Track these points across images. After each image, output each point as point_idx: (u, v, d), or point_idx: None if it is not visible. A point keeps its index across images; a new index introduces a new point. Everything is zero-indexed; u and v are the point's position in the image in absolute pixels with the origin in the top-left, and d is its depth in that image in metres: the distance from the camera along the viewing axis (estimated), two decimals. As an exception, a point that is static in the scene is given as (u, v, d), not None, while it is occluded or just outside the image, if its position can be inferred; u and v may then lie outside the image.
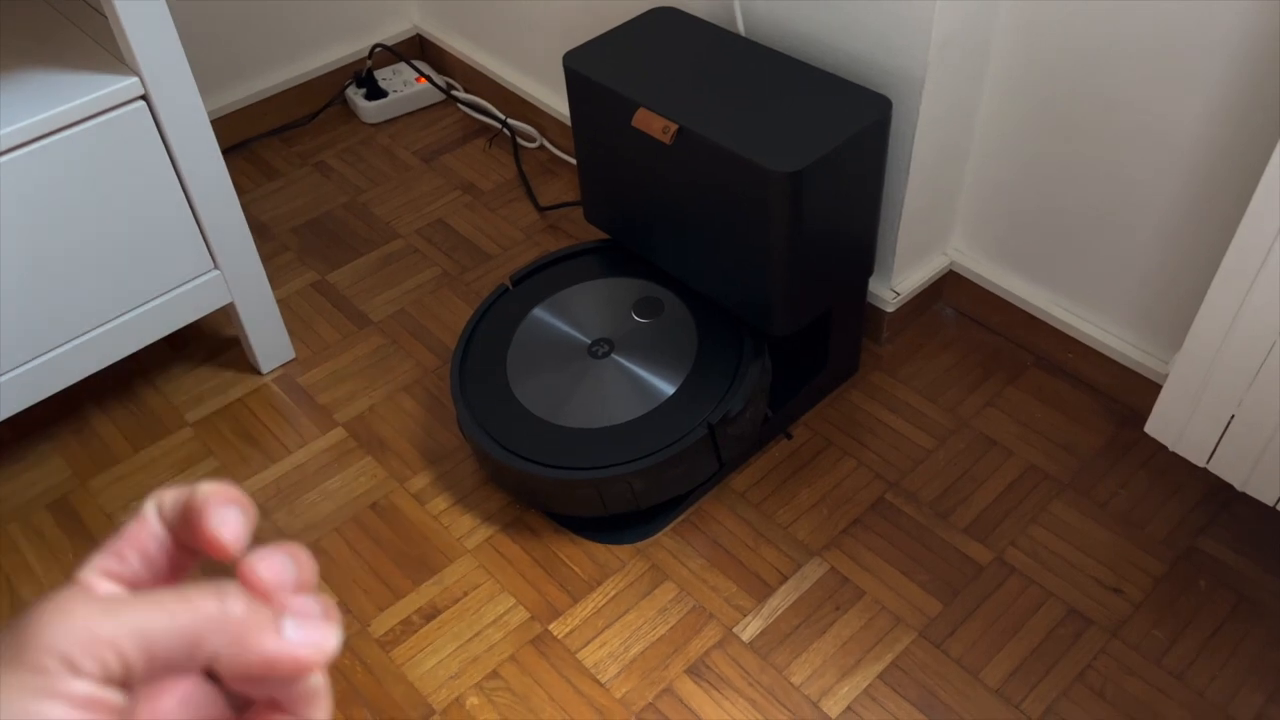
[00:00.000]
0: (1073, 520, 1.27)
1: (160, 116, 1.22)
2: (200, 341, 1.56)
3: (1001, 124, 1.32)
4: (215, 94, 1.88)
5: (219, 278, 1.38)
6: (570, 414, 1.25)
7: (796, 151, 1.11)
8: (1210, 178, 1.15)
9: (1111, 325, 1.36)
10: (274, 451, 1.41)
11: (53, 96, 1.16)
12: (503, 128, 1.92)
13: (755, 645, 1.17)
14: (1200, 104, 1.11)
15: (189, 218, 1.31)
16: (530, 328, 1.35)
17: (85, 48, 1.23)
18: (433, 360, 1.52)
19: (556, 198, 1.78)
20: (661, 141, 1.18)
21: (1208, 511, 1.27)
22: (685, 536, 1.28)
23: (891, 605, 1.20)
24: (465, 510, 1.33)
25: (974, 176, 1.40)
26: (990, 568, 1.23)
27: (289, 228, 1.76)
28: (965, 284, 1.49)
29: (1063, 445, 1.35)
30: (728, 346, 1.28)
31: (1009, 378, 1.44)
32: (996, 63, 1.28)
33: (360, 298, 1.63)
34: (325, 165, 1.89)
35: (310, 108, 1.99)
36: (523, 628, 1.20)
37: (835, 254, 1.25)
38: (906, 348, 1.49)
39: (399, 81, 1.99)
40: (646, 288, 1.37)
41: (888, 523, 1.28)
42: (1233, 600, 1.18)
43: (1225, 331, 1.06)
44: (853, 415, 1.41)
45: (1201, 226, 1.19)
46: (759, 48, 1.28)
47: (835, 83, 1.21)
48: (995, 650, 1.15)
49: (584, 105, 1.30)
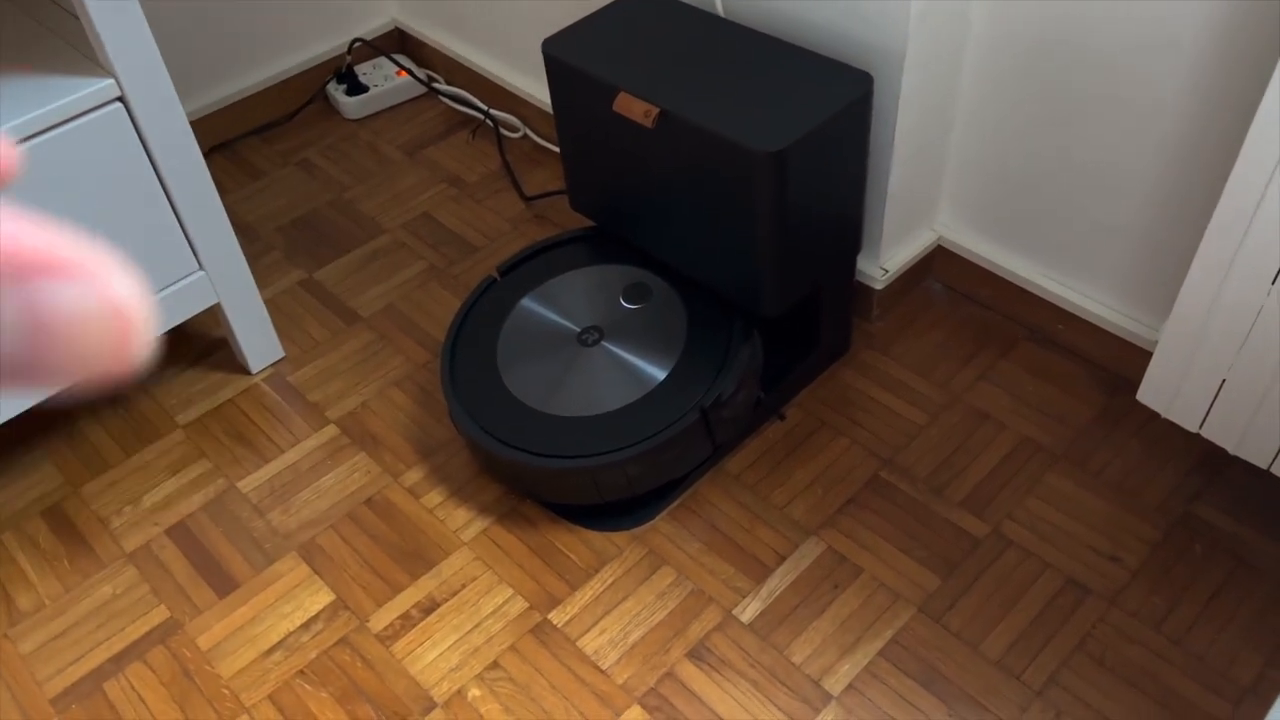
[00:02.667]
0: (1068, 491, 1.27)
1: (138, 118, 1.21)
2: (189, 343, 1.56)
3: (984, 96, 1.32)
4: (195, 95, 1.87)
5: (204, 278, 1.37)
6: (562, 403, 1.25)
7: (779, 131, 1.11)
8: (1195, 143, 1.15)
9: (1101, 295, 1.36)
10: (267, 451, 1.41)
11: (28, 100, 1.15)
12: (485, 118, 1.91)
13: (755, 626, 1.17)
14: (1184, 68, 1.11)
15: (171, 219, 1.31)
16: (519, 318, 1.35)
17: (59, 51, 1.22)
18: (423, 354, 1.52)
19: (542, 187, 1.78)
20: (644, 125, 1.18)
21: (1201, 477, 1.27)
22: (681, 521, 1.28)
23: (890, 582, 1.20)
24: (460, 503, 1.32)
25: (958, 150, 1.39)
26: (987, 541, 1.23)
27: (274, 227, 1.75)
28: (954, 259, 1.48)
29: (1055, 417, 1.35)
30: (717, 329, 1.28)
31: (1000, 351, 1.44)
32: (976, 33, 1.27)
33: (348, 294, 1.62)
34: (309, 163, 1.88)
35: (291, 105, 1.97)
36: (522, 617, 1.20)
37: (822, 232, 1.24)
38: (897, 324, 1.49)
39: (379, 76, 1.98)
40: (634, 274, 1.37)
41: (883, 500, 1.28)
42: (1229, 565, 1.18)
43: (1213, 296, 1.06)
44: (845, 394, 1.41)
45: (1188, 192, 1.19)
46: (738, 28, 1.27)
47: (816, 60, 1.20)
48: (995, 623, 1.16)
49: (565, 92, 1.29)
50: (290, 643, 1.20)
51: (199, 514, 1.34)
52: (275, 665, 1.18)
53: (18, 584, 1.28)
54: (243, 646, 1.20)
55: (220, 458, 1.40)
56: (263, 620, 1.22)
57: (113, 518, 1.34)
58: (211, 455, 1.41)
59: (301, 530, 1.31)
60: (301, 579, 1.26)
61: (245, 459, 1.40)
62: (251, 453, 1.41)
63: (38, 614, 1.25)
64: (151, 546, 1.31)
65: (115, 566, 1.29)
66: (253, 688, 1.16)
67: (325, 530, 1.31)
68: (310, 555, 1.28)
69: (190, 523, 1.33)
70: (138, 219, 1.28)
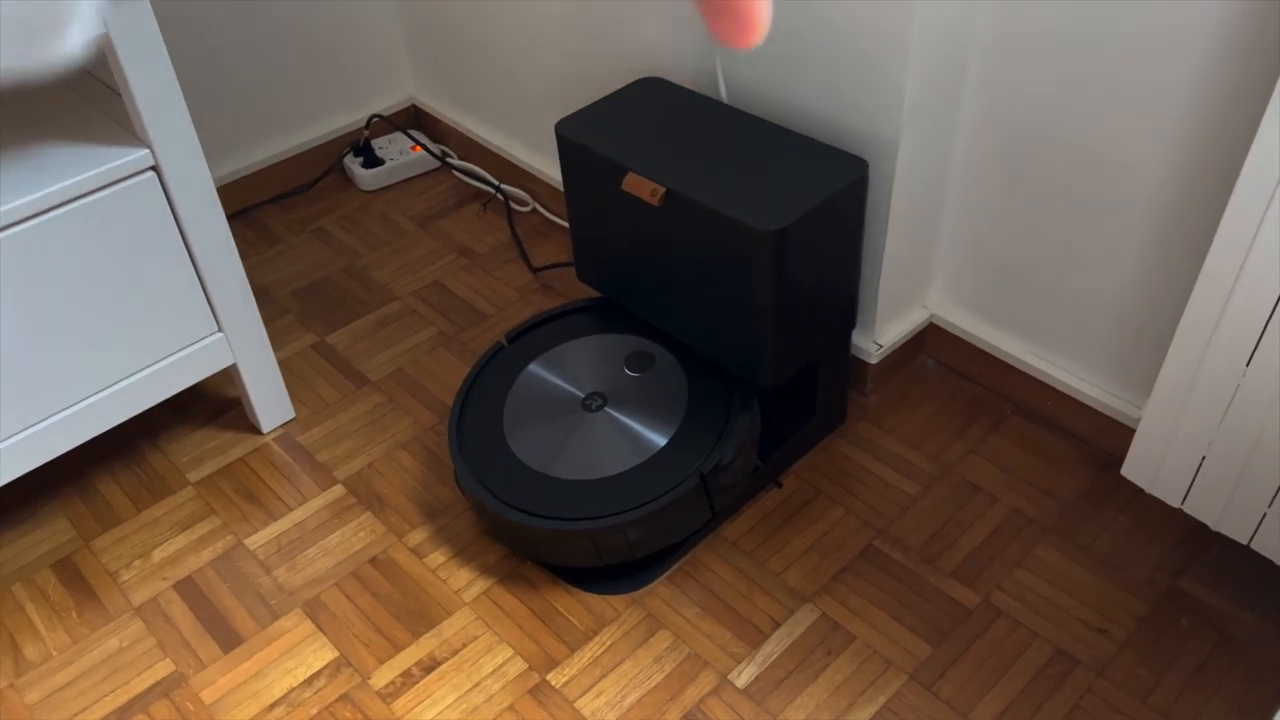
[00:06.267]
0: (1057, 563, 1.30)
1: (169, 186, 1.28)
2: (202, 402, 1.60)
3: (974, 182, 1.39)
4: (217, 163, 1.95)
5: (222, 340, 1.42)
6: (565, 466, 1.29)
7: (779, 210, 1.17)
8: (1174, 229, 1.21)
9: (1087, 373, 1.41)
10: (275, 509, 1.44)
11: (69, 168, 1.21)
12: (496, 193, 1.98)
13: (750, 691, 1.20)
14: (1164, 153, 1.17)
15: (195, 282, 1.36)
16: (525, 383, 1.40)
17: (96, 121, 1.29)
18: (430, 418, 1.56)
19: (549, 259, 1.84)
20: (650, 204, 1.24)
21: (1186, 552, 1.30)
22: (679, 585, 1.31)
23: (882, 649, 1.23)
24: (463, 564, 1.35)
25: (949, 232, 1.46)
26: (978, 611, 1.26)
27: (289, 291, 1.81)
28: (945, 335, 1.54)
29: (1045, 490, 1.39)
30: (717, 398, 1.33)
31: (990, 425, 1.48)
32: (967, 122, 1.34)
33: (359, 358, 1.67)
34: (324, 231, 1.94)
35: (309, 176, 2.05)
36: (521, 678, 1.22)
37: (819, 307, 1.30)
38: (891, 398, 1.53)
39: (395, 150, 2.06)
40: (637, 343, 1.42)
41: (877, 569, 1.31)
42: (1214, 638, 1.21)
43: (1191, 376, 1.11)
44: (840, 464, 1.45)
45: (1169, 275, 1.25)
46: (741, 114, 1.34)
47: (814, 146, 1.27)
48: (985, 691, 1.18)
49: (576, 170, 1.36)
50: (293, 698, 1.22)
51: (206, 569, 1.36)
52: (277, 720, 1.20)
53: (26, 634, 1.30)
54: (246, 701, 1.22)
55: (229, 515, 1.43)
56: (266, 675, 1.24)
57: (122, 571, 1.37)
58: (221, 512, 1.44)
59: (306, 587, 1.33)
60: (305, 635, 1.28)
61: (253, 516, 1.43)
62: (260, 510, 1.44)
63: (44, 665, 1.26)
64: (159, 600, 1.33)
65: (123, 620, 1.31)
66: (254, 742, 1.18)
67: (329, 588, 1.33)
68: (314, 612, 1.30)
69: (198, 578, 1.36)
70: (162, 281, 1.33)
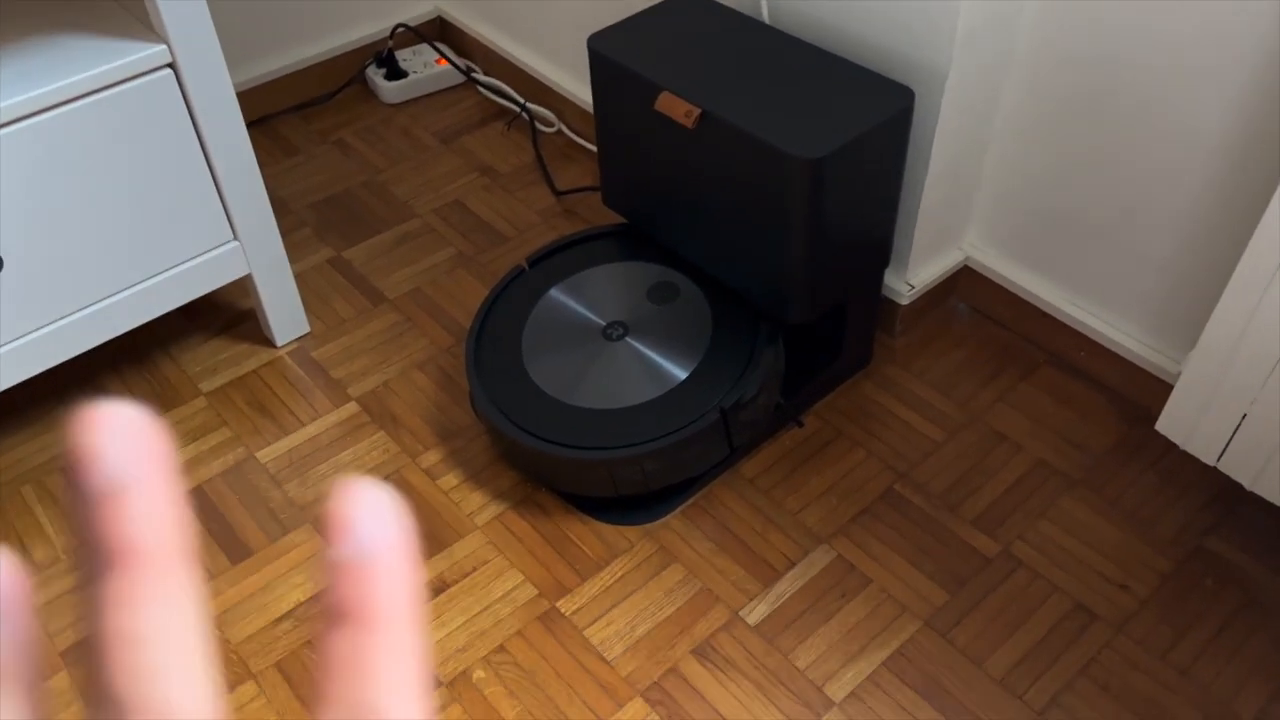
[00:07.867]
0: (1081, 516, 1.27)
1: (187, 86, 1.23)
2: (217, 313, 1.57)
3: (1023, 119, 1.33)
4: (237, 69, 1.89)
5: (238, 249, 1.39)
6: (583, 394, 1.26)
7: (818, 139, 1.12)
8: (1231, 178, 1.15)
9: (1125, 324, 1.36)
10: (287, 423, 1.42)
11: (83, 61, 1.17)
12: (521, 111, 1.92)
13: (761, 629, 1.18)
14: (1226, 102, 1.11)
15: (211, 188, 1.32)
16: (545, 309, 1.36)
17: (114, 15, 1.24)
18: (447, 339, 1.53)
19: (573, 182, 1.79)
20: (684, 126, 1.19)
21: (1216, 512, 1.27)
22: (694, 520, 1.29)
23: (898, 594, 1.21)
24: (476, 487, 1.33)
25: (992, 171, 1.40)
26: (997, 560, 1.23)
27: (307, 204, 1.77)
28: (980, 280, 1.49)
29: (1073, 442, 1.35)
30: (742, 333, 1.29)
31: (1021, 374, 1.44)
32: (1021, 57, 1.28)
33: (376, 275, 1.64)
34: (344, 143, 1.90)
35: (331, 86, 1.99)
36: (530, 604, 1.21)
37: (853, 244, 1.25)
38: (920, 341, 1.49)
39: (419, 63, 2.00)
40: (662, 272, 1.38)
41: (896, 513, 1.29)
42: (1239, 599, 1.18)
43: (1241, 330, 1.06)
44: (864, 406, 1.41)
45: (1220, 226, 1.19)
46: (783, 35, 1.28)
47: (858, 72, 1.21)
48: (1000, 641, 1.16)
49: (607, 88, 1.31)
50: (300, 613, 1.21)
51: (217, 480, 1.35)
52: (284, 634, 1.19)
53: (34, 537, 1.29)
54: (253, 613, 1.21)
55: (241, 427, 1.42)
56: (274, 589, 1.23)
57: (132, 479, 1.35)
58: (232, 424, 1.42)
59: (318, 503, 1.32)
60: (315, 551, 1.27)
61: (265, 430, 1.41)
62: (272, 424, 1.42)
63: (52, 568, 1.26)
64: (168, 509, 1.32)
65: (132, 527, 1.30)
66: (260, 654, 1.17)
67: (340, 505, 1.32)
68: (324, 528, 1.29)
69: (208, 488, 1.34)
70: (178, 185, 1.29)
